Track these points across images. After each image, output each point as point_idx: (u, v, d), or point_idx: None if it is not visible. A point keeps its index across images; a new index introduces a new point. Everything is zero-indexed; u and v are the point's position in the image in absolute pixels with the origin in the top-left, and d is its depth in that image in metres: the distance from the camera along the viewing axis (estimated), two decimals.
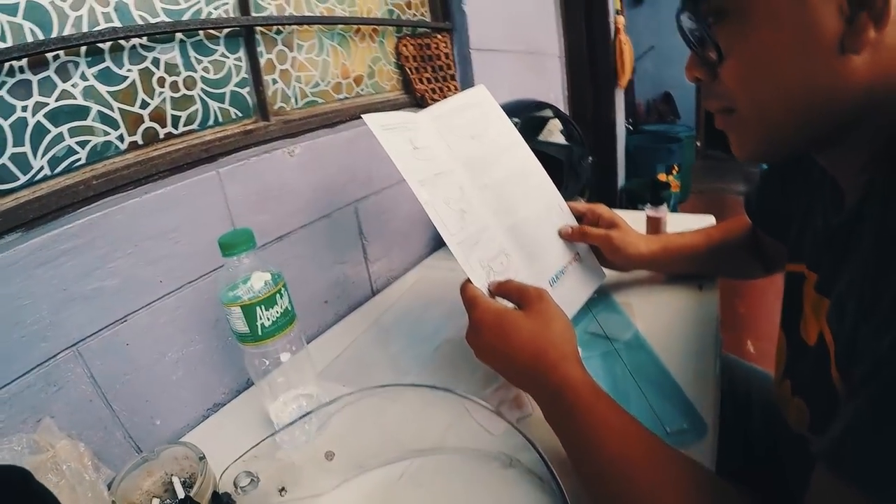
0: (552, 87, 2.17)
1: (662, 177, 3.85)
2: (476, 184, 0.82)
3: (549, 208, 0.90)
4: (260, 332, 0.63)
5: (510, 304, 0.70)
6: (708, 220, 1.31)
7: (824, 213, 0.59)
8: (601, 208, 0.93)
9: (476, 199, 0.80)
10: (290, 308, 0.67)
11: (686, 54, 0.56)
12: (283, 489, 0.61)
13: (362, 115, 0.74)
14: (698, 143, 5.80)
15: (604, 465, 0.53)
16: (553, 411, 0.60)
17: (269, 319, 0.63)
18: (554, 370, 0.60)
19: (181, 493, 0.63)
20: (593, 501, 0.55)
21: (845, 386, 0.47)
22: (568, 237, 0.89)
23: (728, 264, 0.97)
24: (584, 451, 0.55)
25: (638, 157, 4.03)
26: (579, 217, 0.93)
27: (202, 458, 0.64)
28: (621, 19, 3.38)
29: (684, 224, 1.21)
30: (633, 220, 0.96)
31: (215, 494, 0.52)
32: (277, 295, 0.64)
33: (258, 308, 0.62)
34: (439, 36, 1.39)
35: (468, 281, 0.71)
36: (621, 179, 3.89)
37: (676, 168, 4.05)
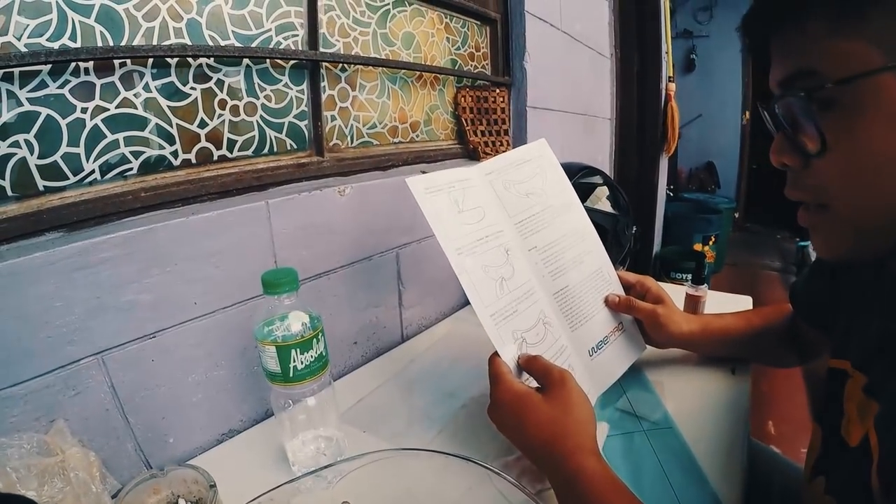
0: (601, 150, 2.18)
1: (698, 247, 3.80)
2: (525, 245, 0.80)
3: (599, 274, 0.88)
4: (291, 375, 0.62)
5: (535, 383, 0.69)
6: (745, 301, 1.28)
7: (881, 314, 0.56)
8: (650, 281, 0.92)
9: (522, 263, 0.79)
10: (324, 353, 0.66)
11: (733, 126, 0.54)
12: None
13: (406, 180, 0.72)
14: (736, 215, 5.76)
15: None
16: (565, 499, 0.58)
17: (302, 363, 0.62)
18: (569, 459, 0.59)
19: None
20: None
21: (884, 495, 0.44)
22: (615, 307, 0.87)
23: (765, 351, 0.94)
24: None
25: (675, 224, 3.99)
26: (627, 287, 0.91)
27: (213, 485, 0.63)
28: (673, 86, 3.39)
29: (722, 302, 1.19)
30: (670, 292, 0.94)
31: None
32: (315, 339, 0.63)
33: (293, 350, 0.61)
34: (498, 90, 1.41)
35: (496, 354, 0.70)
36: (657, 245, 3.85)
37: (713, 239, 4.01)
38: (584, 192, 1.16)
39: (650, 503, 0.65)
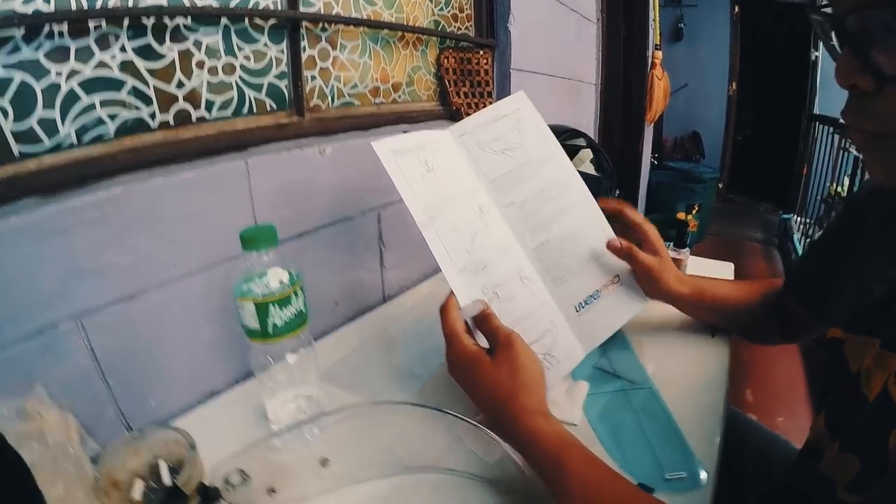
0: (585, 115, 2.17)
1: (681, 215, 3.83)
2: (501, 202, 0.80)
3: (589, 225, 0.85)
4: (270, 331, 0.62)
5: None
6: (726, 267, 1.29)
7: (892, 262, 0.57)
8: (652, 230, 0.88)
9: (497, 220, 0.78)
10: (303, 310, 0.65)
11: (720, 96, 0.53)
12: (272, 490, 0.59)
13: (372, 142, 0.71)
14: (720, 185, 5.79)
15: None
16: (525, 459, 0.58)
17: (281, 319, 0.61)
18: (517, 420, 0.59)
19: (168, 479, 0.61)
20: None
21: None
22: (617, 252, 0.84)
23: (750, 326, 0.94)
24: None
25: (659, 192, 4.01)
26: (628, 227, 0.88)
27: (193, 446, 0.62)
28: (659, 54, 3.37)
29: (703, 267, 1.20)
30: None
31: (203, 486, 0.51)
32: (293, 295, 0.62)
33: (272, 307, 0.61)
34: (481, 52, 1.39)
35: (449, 311, 0.69)
36: (641, 212, 3.87)
37: (697, 208, 4.04)
38: (567, 153, 1.15)
39: (629, 461, 0.67)
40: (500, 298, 0.74)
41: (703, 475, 0.64)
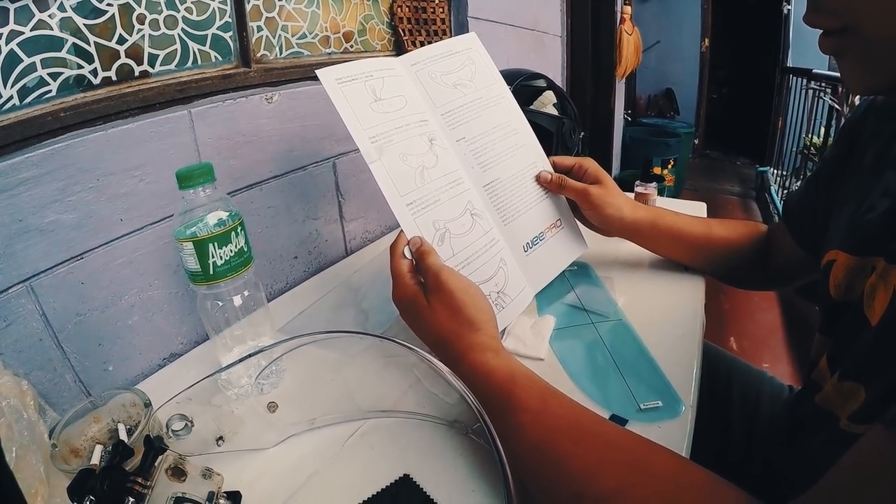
0: (551, 67, 2.15)
1: (657, 170, 3.83)
2: (452, 136, 0.78)
3: (533, 168, 0.85)
4: (212, 272, 0.60)
5: None
6: (699, 207, 1.28)
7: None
8: (588, 162, 0.86)
9: (448, 153, 0.76)
10: (245, 249, 0.63)
11: (692, 53, 0.50)
12: (220, 438, 0.58)
13: (316, 71, 0.69)
14: (696, 141, 5.82)
15: (526, 452, 0.49)
16: (477, 397, 0.55)
17: (221, 258, 0.60)
18: (462, 361, 0.58)
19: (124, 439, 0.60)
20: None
21: None
22: (546, 184, 0.84)
23: (726, 266, 0.91)
24: (507, 441, 0.50)
25: (634, 148, 4.02)
26: (566, 171, 0.87)
27: (147, 404, 0.61)
28: (628, 9, 3.34)
29: (674, 206, 1.18)
30: None
31: (147, 437, 0.49)
32: (233, 233, 0.61)
33: (210, 245, 0.59)
34: (437, 0, 1.35)
35: (396, 249, 0.68)
36: (616, 169, 3.87)
37: (672, 162, 4.04)
38: (528, 95, 1.13)
39: (600, 394, 0.66)
40: (452, 234, 0.72)
41: (682, 405, 0.63)
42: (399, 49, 1.29)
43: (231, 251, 0.60)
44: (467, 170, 0.78)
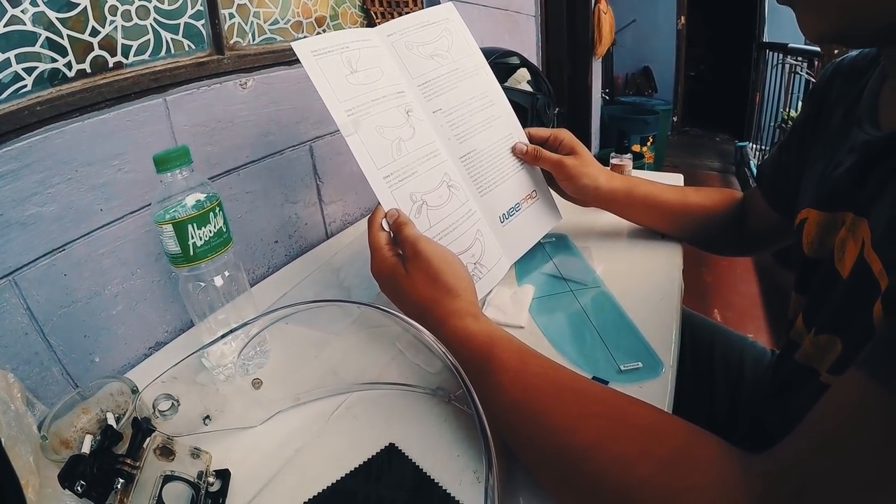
0: (526, 47, 2.15)
1: (636, 147, 3.85)
2: (428, 107, 0.78)
3: (509, 139, 0.86)
4: (192, 253, 0.60)
5: None
6: (676, 178, 1.30)
7: (862, 128, 0.56)
8: (564, 133, 0.87)
9: (425, 124, 0.77)
10: (224, 230, 0.64)
11: (669, 31, 0.50)
12: (207, 417, 0.58)
13: (291, 43, 0.69)
14: (675, 119, 5.85)
15: (507, 410, 0.50)
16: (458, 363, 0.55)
17: (201, 239, 0.60)
18: (442, 327, 0.59)
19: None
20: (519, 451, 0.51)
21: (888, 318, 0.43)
22: (521, 155, 0.85)
23: (702, 232, 0.92)
24: (488, 402, 0.50)
25: (612, 126, 4.04)
26: (542, 143, 0.88)
27: (135, 390, 0.62)
28: None
29: (651, 178, 1.20)
30: None
31: (135, 420, 0.50)
32: (211, 213, 0.61)
33: (189, 226, 0.59)
34: None
35: (373, 222, 0.69)
36: (595, 148, 3.89)
37: (651, 139, 4.07)
38: (503, 72, 1.14)
39: (580, 357, 0.67)
40: (429, 206, 0.73)
41: (662, 366, 0.64)
42: None
43: (210, 231, 0.61)
44: (444, 141, 0.78)
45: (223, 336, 0.55)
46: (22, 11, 0.69)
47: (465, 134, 0.80)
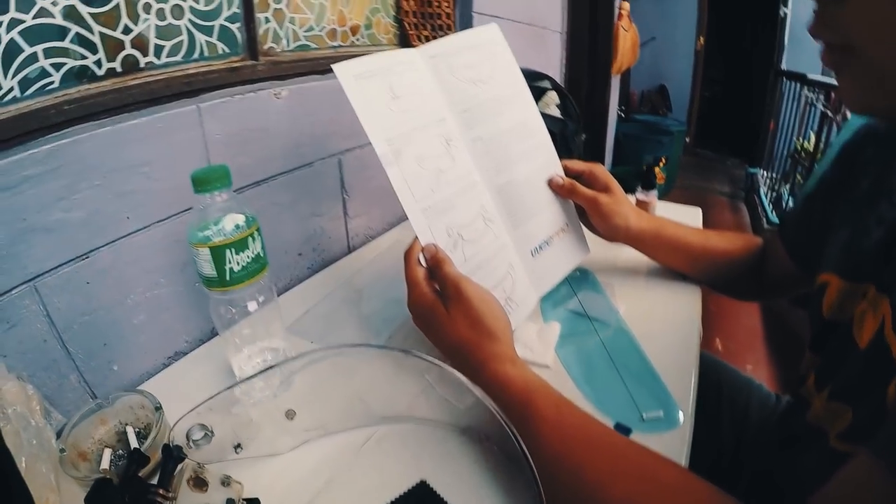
0: (551, 63, 2.14)
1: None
2: (468, 136, 0.75)
3: (546, 170, 0.84)
4: (228, 278, 0.59)
5: None
6: (694, 212, 1.30)
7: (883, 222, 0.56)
8: (599, 170, 0.87)
9: (464, 154, 0.75)
10: (262, 254, 0.63)
11: (687, 51, 0.50)
12: (238, 446, 0.58)
13: (332, 66, 0.66)
14: (688, 139, 5.83)
15: (545, 461, 0.50)
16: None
17: (238, 264, 0.59)
18: (482, 371, 0.59)
19: (135, 444, 0.60)
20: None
21: None
22: (558, 189, 0.84)
23: (723, 277, 0.92)
24: (531, 450, 0.50)
25: (626, 144, 4.02)
26: (577, 176, 0.86)
27: (158, 408, 0.62)
28: (626, 5, 3.32)
29: (671, 212, 1.19)
30: None
31: (166, 447, 0.49)
32: (250, 238, 0.60)
33: (228, 251, 0.58)
34: None
35: (411, 256, 0.68)
36: (607, 165, 3.87)
37: (664, 160, 4.05)
38: (532, 95, 1.13)
39: (604, 402, 0.67)
40: (464, 240, 0.71)
41: (681, 415, 0.64)
42: (404, 43, 1.29)
43: (248, 257, 0.59)
44: (481, 171, 0.76)
45: (261, 372, 0.54)
46: (52, 3, 0.68)
47: (503, 164, 0.78)
